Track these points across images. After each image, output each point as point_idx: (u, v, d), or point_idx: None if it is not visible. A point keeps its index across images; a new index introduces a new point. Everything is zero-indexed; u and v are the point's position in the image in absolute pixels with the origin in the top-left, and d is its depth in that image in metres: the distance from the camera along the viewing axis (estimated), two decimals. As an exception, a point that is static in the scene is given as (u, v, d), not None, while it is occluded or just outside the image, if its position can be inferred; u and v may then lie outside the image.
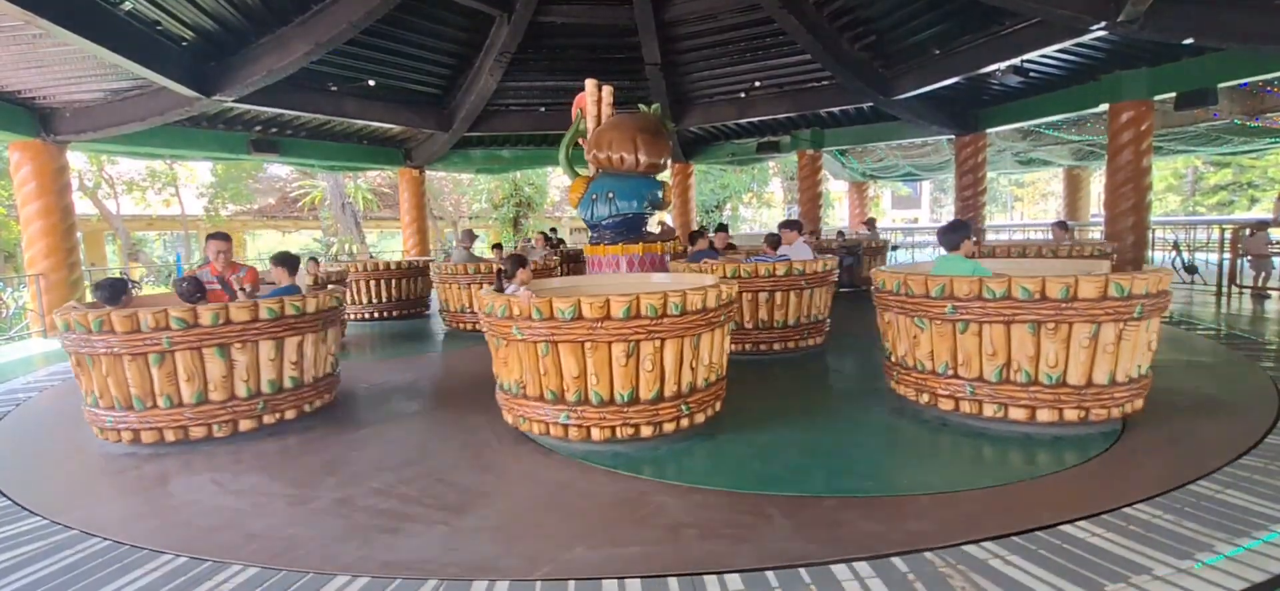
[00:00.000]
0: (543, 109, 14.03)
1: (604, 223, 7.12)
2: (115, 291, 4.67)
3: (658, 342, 3.87)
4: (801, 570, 2.64)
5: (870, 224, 14.45)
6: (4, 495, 3.77)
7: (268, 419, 4.64)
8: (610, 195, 7.07)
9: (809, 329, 6.62)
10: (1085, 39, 8.41)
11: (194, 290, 4.77)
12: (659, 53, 12.11)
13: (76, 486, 3.98)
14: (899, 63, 11.20)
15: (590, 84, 7.56)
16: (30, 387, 6.59)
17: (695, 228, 12.99)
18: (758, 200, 31.73)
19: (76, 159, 18.57)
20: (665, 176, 8.64)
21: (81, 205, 18.92)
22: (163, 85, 8.27)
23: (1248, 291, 9.44)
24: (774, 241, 7.35)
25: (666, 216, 17.06)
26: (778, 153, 16.31)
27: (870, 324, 5.17)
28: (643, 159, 7.04)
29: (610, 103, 7.52)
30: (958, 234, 4.58)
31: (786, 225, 7.60)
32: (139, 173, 23.02)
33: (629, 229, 7.19)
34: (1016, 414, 3.98)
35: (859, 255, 11.48)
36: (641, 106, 7.79)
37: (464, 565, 2.79)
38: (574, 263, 12.00)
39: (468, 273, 8.65)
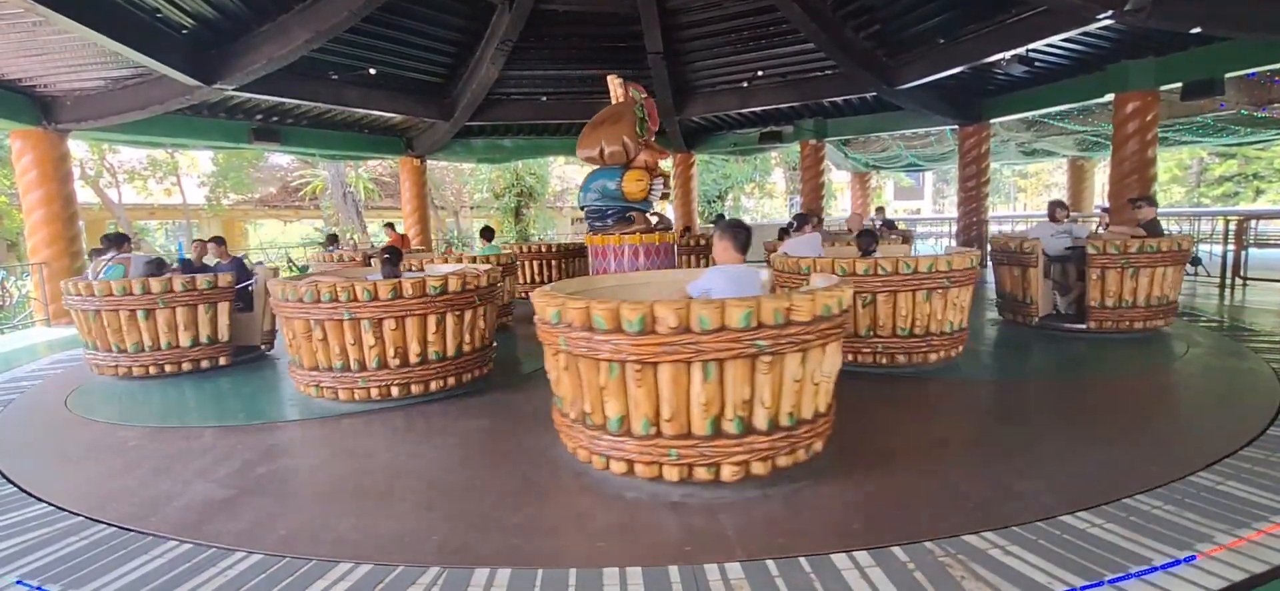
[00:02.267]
0: (545, 98, 13.97)
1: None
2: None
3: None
4: (802, 560, 2.65)
5: (880, 212, 14.40)
6: (10, 481, 3.79)
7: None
8: (577, 189, 7.66)
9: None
10: (1091, 28, 8.34)
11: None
12: (661, 41, 12.05)
13: (82, 473, 4.00)
14: (903, 52, 11.13)
15: (610, 79, 7.64)
16: (34, 375, 6.62)
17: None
18: (759, 191, 31.65)
19: (78, 148, 18.54)
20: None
21: (83, 194, 18.95)
22: (163, 73, 8.25)
23: (1252, 283, 9.40)
24: None
25: (667, 208, 17.04)
26: (780, 143, 16.24)
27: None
28: (582, 154, 7.44)
29: (622, 94, 7.61)
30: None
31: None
32: (140, 161, 23.02)
33: (605, 218, 7.54)
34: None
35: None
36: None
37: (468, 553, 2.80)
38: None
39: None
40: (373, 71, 11.38)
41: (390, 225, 12.47)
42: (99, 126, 9.66)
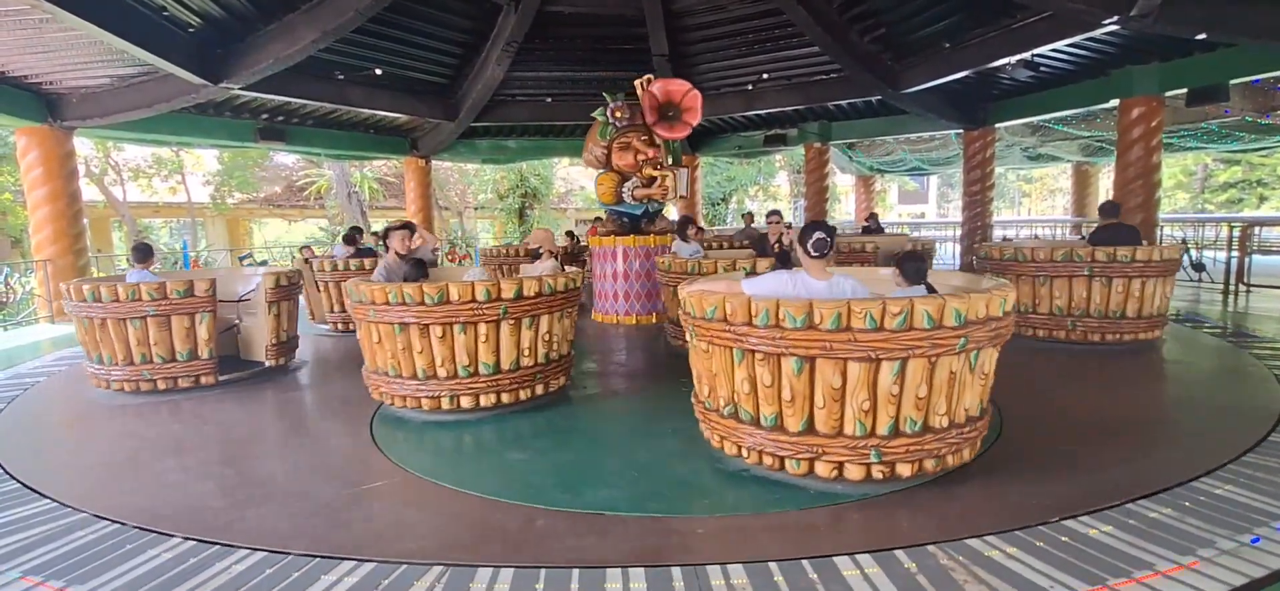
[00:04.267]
0: (549, 100, 13.99)
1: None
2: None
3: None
4: (805, 563, 2.65)
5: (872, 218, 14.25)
6: (14, 478, 3.81)
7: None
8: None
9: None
10: (1097, 33, 8.34)
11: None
12: (666, 44, 12.05)
13: (85, 469, 4.01)
14: (908, 56, 11.13)
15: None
16: (38, 372, 6.64)
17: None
18: (764, 193, 31.67)
19: (83, 145, 18.59)
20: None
21: (88, 191, 18.98)
22: (169, 72, 8.27)
23: (1256, 289, 9.37)
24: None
25: (671, 211, 17.07)
26: (785, 146, 16.25)
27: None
28: None
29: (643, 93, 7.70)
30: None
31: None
32: (145, 160, 23.06)
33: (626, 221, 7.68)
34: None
35: None
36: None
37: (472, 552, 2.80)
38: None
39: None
40: (378, 72, 11.40)
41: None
42: (104, 124, 9.69)
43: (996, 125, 13.16)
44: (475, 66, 12.56)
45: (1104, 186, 20.69)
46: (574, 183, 29.77)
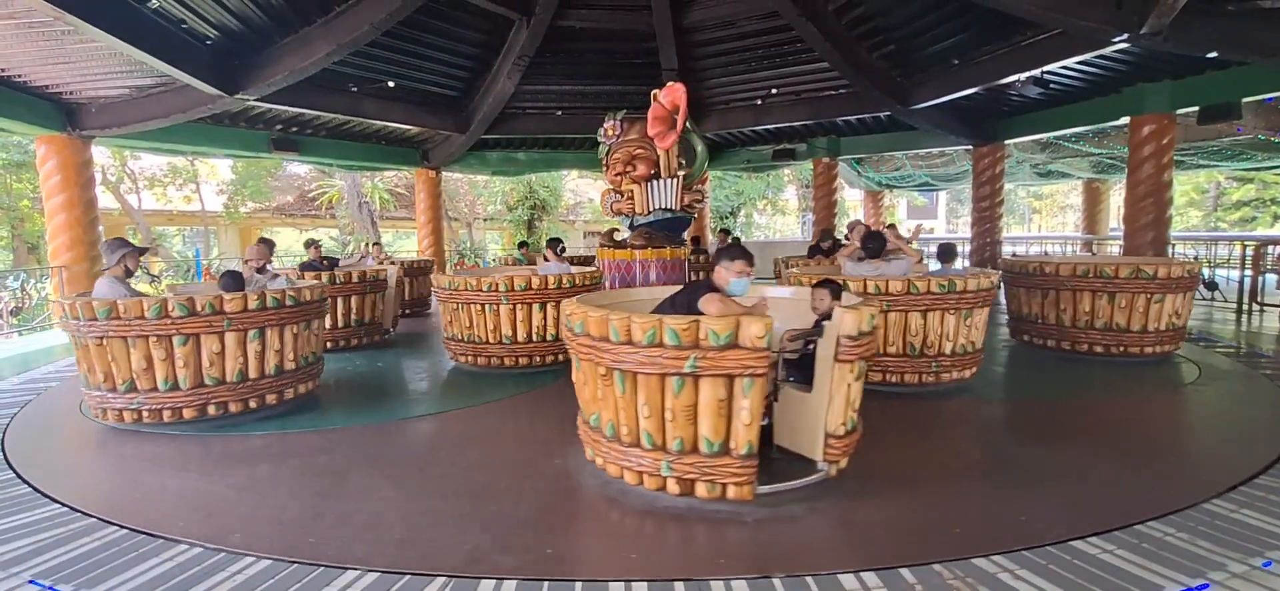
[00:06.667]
0: (559, 113, 14.07)
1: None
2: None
3: None
4: (809, 579, 2.64)
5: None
6: (26, 482, 3.85)
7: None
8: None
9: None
10: (1107, 51, 8.31)
11: None
12: (676, 58, 12.12)
13: (96, 474, 4.05)
14: (918, 72, 11.14)
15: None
16: (51, 377, 6.71)
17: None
18: (772, 207, 31.67)
19: (100, 153, 18.83)
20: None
21: (104, 199, 19.22)
22: (187, 83, 8.38)
23: (1270, 309, 9.29)
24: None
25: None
26: (794, 160, 16.25)
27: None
28: None
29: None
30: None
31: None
32: (160, 168, 23.34)
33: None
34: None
35: None
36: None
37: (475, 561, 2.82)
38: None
39: None
40: (391, 84, 11.51)
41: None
42: (122, 133, 9.81)
43: (1006, 141, 13.13)
44: (486, 80, 12.66)
45: (1115, 203, 20.60)
46: (583, 195, 29.89)
